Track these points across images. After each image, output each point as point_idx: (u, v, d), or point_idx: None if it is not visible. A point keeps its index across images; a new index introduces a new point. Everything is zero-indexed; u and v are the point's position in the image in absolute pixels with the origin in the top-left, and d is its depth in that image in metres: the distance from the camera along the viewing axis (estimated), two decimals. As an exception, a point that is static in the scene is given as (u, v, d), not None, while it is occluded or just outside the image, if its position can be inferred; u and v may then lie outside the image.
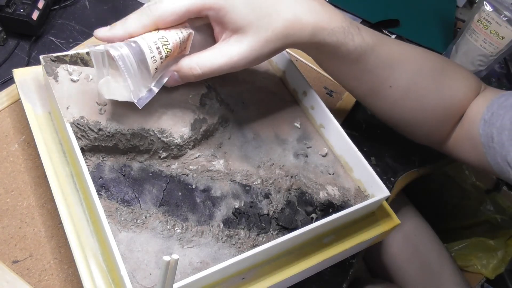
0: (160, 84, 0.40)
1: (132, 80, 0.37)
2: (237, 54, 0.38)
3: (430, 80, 0.49)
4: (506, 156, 0.47)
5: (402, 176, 0.61)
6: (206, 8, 0.37)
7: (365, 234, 0.45)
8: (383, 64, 0.46)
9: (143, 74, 0.37)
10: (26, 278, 0.39)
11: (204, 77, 0.40)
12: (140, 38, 0.37)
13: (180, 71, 0.40)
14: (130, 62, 0.36)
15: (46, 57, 0.43)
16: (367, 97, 0.51)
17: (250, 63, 0.40)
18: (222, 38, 0.40)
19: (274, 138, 0.49)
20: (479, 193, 1.00)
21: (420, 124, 0.52)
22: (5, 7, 0.55)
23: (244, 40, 0.38)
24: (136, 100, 0.38)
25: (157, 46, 0.37)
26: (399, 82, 0.48)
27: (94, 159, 0.41)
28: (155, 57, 0.37)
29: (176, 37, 0.38)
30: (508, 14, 0.68)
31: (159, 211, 0.40)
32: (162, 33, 0.38)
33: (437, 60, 0.51)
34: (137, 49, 0.36)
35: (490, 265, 0.96)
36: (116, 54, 0.35)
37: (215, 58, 0.39)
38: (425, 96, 0.50)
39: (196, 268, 0.37)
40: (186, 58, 0.39)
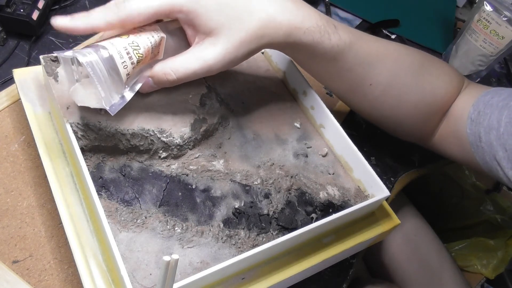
0: (134, 90, 0.39)
1: (103, 86, 0.35)
2: (211, 57, 0.38)
3: (410, 76, 0.49)
4: (495, 156, 0.46)
5: (402, 176, 0.61)
6: (175, 11, 0.36)
7: (365, 234, 0.45)
8: (361, 62, 0.46)
9: (114, 81, 0.36)
10: (26, 278, 0.39)
11: (179, 82, 0.39)
12: (109, 43, 0.36)
13: (154, 76, 0.39)
14: (99, 69, 0.35)
15: (46, 57, 0.43)
16: (348, 95, 0.50)
17: (226, 66, 0.39)
18: (195, 42, 0.39)
19: (274, 138, 0.49)
20: (479, 193, 1.00)
21: (401, 120, 0.52)
22: (5, 7, 0.55)
23: (217, 43, 0.38)
24: (108, 107, 0.37)
25: (127, 51, 0.36)
26: (378, 79, 0.47)
27: (94, 159, 0.41)
28: (125, 62, 0.36)
29: (147, 41, 0.37)
30: (508, 14, 0.68)
31: (159, 211, 0.40)
32: (132, 38, 0.37)
33: (417, 56, 0.50)
34: (106, 55, 0.35)
35: (490, 265, 0.96)
36: (85, 60, 0.34)
37: (190, 63, 0.38)
38: (406, 93, 0.49)
39: (196, 268, 0.37)
40: (160, 63, 0.39)
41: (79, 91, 0.38)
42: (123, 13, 0.35)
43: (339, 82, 0.48)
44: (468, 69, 0.77)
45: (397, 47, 0.50)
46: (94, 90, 0.37)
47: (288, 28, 0.40)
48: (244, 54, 0.39)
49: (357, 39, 0.45)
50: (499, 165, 0.46)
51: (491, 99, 0.48)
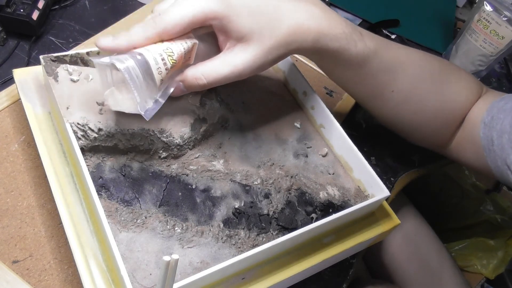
0: (166, 95, 0.40)
1: (138, 92, 0.36)
2: (241, 63, 0.39)
3: (432, 84, 0.49)
4: (505, 159, 0.47)
5: (402, 176, 0.61)
6: (210, 18, 0.37)
7: (365, 234, 0.45)
8: (385, 69, 0.46)
9: (149, 86, 0.37)
10: (26, 278, 0.39)
11: (209, 86, 0.40)
12: (145, 49, 0.37)
13: (185, 81, 0.40)
14: (136, 75, 0.36)
15: (46, 57, 0.43)
16: (370, 101, 0.51)
17: (255, 71, 0.40)
18: (227, 47, 0.40)
19: (274, 138, 0.49)
20: (479, 193, 1.00)
21: (422, 127, 0.52)
22: (5, 7, 0.55)
23: (248, 48, 0.39)
24: (143, 112, 0.38)
25: (162, 57, 0.37)
26: (401, 86, 0.48)
27: (94, 159, 0.41)
28: (160, 68, 0.37)
29: (181, 47, 0.38)
30: (508, 14, 0.68)
31: (159, 211, 0.40)
32: (167, 44, 0.37)
33: (438, 64, 0.51)
34: (142, 61, 0.36)
35: (490, 265, 0.96)
36: (122, 67, 0.35)
37: (220, 68, 0.39)
38: (427, 100, 0.50)
39: (196, 268, 0.37)
40: (191, 68, 0.39)
41: (113, 96, 0.39)
42: (160, 27, 0.36)
43: (362, 88, 0.49)
44: (468, 69, 0.77)
45: (419, 54, 0.50)
46: (129, 95, 0.38)
47: (316, 35, 0.40)
48: (273, 59, 0.40)
49: (382, 47, 0.46)
50: (509, 169, 0.46)
51: (505, 105, 0.49)
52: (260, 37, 0.38)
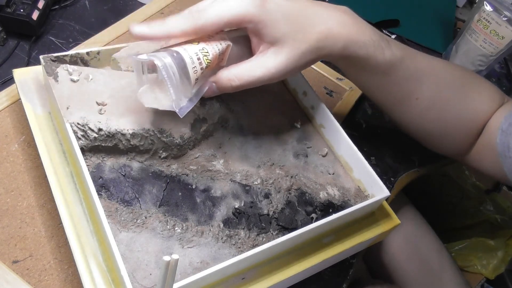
0: (199, 94, 0.40)
1: (174, 89, 0.37)
2: (274, 66, 0.39)
3: (455, 92, 0.50)
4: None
5: (402, 176, 0.61)
6: (246, 21, 0.38)
7: (365, 234, 0.45)
8: (410, 77, 0.47)
9: (184, 84, 0.38)
10: (26, 278, 0.39)
11: (241, 88, 0.40)
12: (182, 48, 0.37)
13: (218, 82, 0.40)
14: (173, 72, 0.36)
15: (46, 57, 0.43)
16: (394, 108, 0.51)
17: (286, 74, 0.41)
18: (260, 50, 0.40)
19: (274, 138, 0.49)
20: (479, 193, 1.00)
21: (444, 135, 0.53)
22: (5, 7, 0.55)
23: (281, 52, 0.39)
24: (178, 109, 0.38)
25: (198, 57, 0.37)
26: (425, 94, 0.49)
27: (94, 159, 0.41)
28: (196, 67, 0.37)
29: (216, 48, 0.39)
30: (508, 14, 0.68)
31: (159, 211, 0.40)
32: (203, 45, 0.38)
33: (462, 73, 0.52)
34: (179, 60, 0.37)
35: (490, 265, 0.96)
36: (160, 64, 0.35)
37: (253, 70, 0.40)
38: (450, 108, 0.50)
39: (196, 268, 0.37)
40: (224, 69, 0.40)
41: (147, 93, 0.39)
42: (198, 23, 0.37)
43: (387, 95, 0.49)
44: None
45: (443, 63, 0.51)
46: (164, 93, 0.39)
47: (346, 41, 0.42)
48: (304, 64, 0.41)
49: (408, 55, 0.47)
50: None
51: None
52: (293, 42, 0.39)
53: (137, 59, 0.37)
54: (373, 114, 0.66)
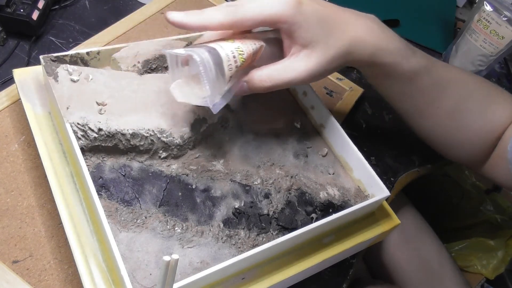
0: (232, 92, 0.40)
1: (210, 85, 0.37)
2: (305, 69, 0.40)
3: (476, 103, 0.51)
4: None
5: (402, 176, 0.61)
6: (281, 21, 0.39)
7: (365, 234, 0.45)
8: (434, 85, 0.48)
9: (219, 81, 0.38)
10: (26, 278, 0.39)
11: (272, 89, 0.41)
12: (218, 45, 0.38)
13: (250, 82, 0.41)
14: (209, 68, 0.36)
15: (46, 57, 0.43)
16: (414, 116, 0.52)
17: (316, 78, 0.41)
18: (291, 53, 0.41)
19: (274, 138, 0.49)
20: (479, 193, 1.00)
21: (462, 145, 0.53)
22: (5, 7, 0.55)
23: (312, 56, 0.40)
24: (211, 105, 0.38)
25: (233, 55, 0.38)
26: (446, 103, 0.49)
27: (94, 159, 0.41)
28: (231, 65, 0.38)
29: (250, 48, 0.39)
30: (508, 14, 0.68)
31: (159, 211, 0.40)
32: (238, 43, 0.39)
33: (483, 84, 0.52)
34: (216, 56, 0.37)
35: (490, 265, 0.96)
36: (198, 58, 0.36)
37: (285, 72, 0.40)
38: (470, 118, 0.51)
39: (196, 268, 0.37)
40: (257, 70, 0.41)
41: (180, 87, 0.40)
42: (236, 17, 0.38)
43: (409, 103, 0.50)
44: (468, 69, 0.77)
45: (465, 74, 0.52)
46: (197, 89, 0.39)
47: (374, 48, 0.43)
48: (333, 68, 0.42)
49: (432, 64, 0.48)
50: None
51: None
52: (324, 46, 0.40)
53: (173, 53, 0.37)
54: (373, 114, 0.66)
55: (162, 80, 0.46)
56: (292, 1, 0.38)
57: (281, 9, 0.38)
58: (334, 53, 0.41)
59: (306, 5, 0.39)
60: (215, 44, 0.38)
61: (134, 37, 0.59)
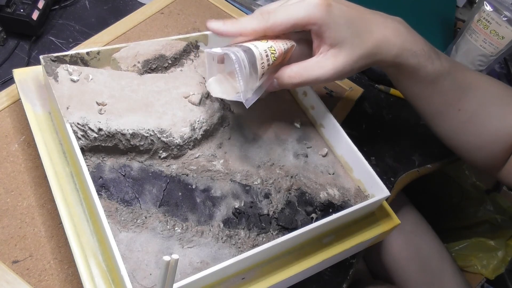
0: (263, 88, 0.43)
1: (244, 82, 0.39)
2: (332, 67, 0.42)
3: (497, 107, 0.51)
4: None
5: (402, 176, 0.61)
6: (311, 23, 0.41)
7: (365, 234, 0.45)
8: (456, 88, 0.49)
9: (252, 78, 0.40)
10: (26, 278, 0.39)
11: (300, 85, 0.43)
12: (253, 45, 0.40)
13: (280, 78, 0.43)
14: (244, 65, 0.39)
15: (46, 57, 0.43)
16: (434, 118, 0.52)
17: (342, 76, 0.43)
18: (320, 52, 0.43)
19: (274, 138, 0.49)
20: (479, 193, 1.00)
21: (481, 149, 0.53)
22: (5, 7, 0.55)
23: (340, 55, 0.42)
24: (244, 100, 0.40)
25: (266, 54, 0.40)
26: (467, 106, 0.50)
27: (94, 159, 0.41)
28: (264, 63, 0.40)
29: (282, 47, 0.41)
30: (508, 14, 0.68)
31: (159, 211, 0.40)
32: (271, 43, 0.41)
33: (502, 88, 0.53)
34: (251, 54, 0.39)
35: (490, 266, 0.96)
36: (234, 57, 0.38)
37: (313, 70, 0.42)
38: (490, 122, 0.51)
39: (196, 268, 0.37)
40: (286, 67, 0.43)
41: (215, 84, 0.43)
42: (268, 23, 0.41)
43: (430, 104, 0.51)
44: (468, 69, 0.77)
45: (485, 77, 0.53)
46: (231, 85, 0.43)
47: (399, 50, 0.44)
48: (359, 67, 0.44)
49: (456, 67, 0.49)
50: None
51: None
52: (352, 46, 0.42)
53: (211, 51, 0.40)
54: (373, 114, 0.66)
55: (162, 80, 0.46)
56: (321, 4, 0.40)
57: (311, 12, 0.40)
58: (361, 52, 0.42)
59: (334, 7, 0.41)
60: (250, 43, 0.41)
61: (134, 37, 0.59)
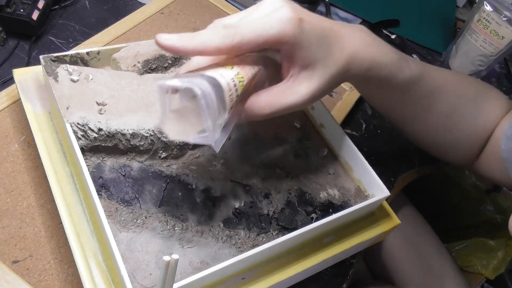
0: (231, 123, 0.36)
1: (212, 120, 0.32)
2: (307, 92, 0.38)
3: (468, 106, 0.51)
4: None
5: (402, 176, 0.61)
6: (282, 42, 0.35)
7: (365, 234, 0.45)
8: (427, 94, 0.48)
9: (220, 114, 0.33)
10: (26, 278, 0.39)
11: (272, 116, 0.38)
12: (218, 74, 0.33)
13: (249, 110, 0.37)
14: (212, 101, 0.31)
15: (46, 57, 0.43)
16: (408, 124, 0.52)
17: (317, 99, 0.39)
18: (290, 74, 0.38)
19: (274, 138, 0.49)
20: (479, 193, 1.00)
21: (455, 147, 0.53)
22: (5, 7, 0.55)
23: (313, 76, 0.38)
24: (213, 143, 0.34)
25: (234, 83, 0.34)
26: (440, 110, 0.49)
27: (94, 159, 0.41)
28: (232, 95, 0.34)
29: (249, 73, 0.36)
30: (508, 14, 0.68)
31: (159, 211, 0.40)
32: (237, 69, 0.35)
33: (473, 85, 0.52)
34: (217, 86, 0.32)
35: (490, 266, 0.96)
36: (199, 91, 0.31)
37: (286, 97, 0.37)
38: (463, 121, 0.51)
39: (196, 268, 0.37)
40: (255, 96, 0.37)
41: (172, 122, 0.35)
42: (235, 41, 0.34)
43: (402, 111, 0.50)
44: (468, 69, 0.77)
45: (456, 76, 0.52)
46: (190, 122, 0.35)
47: (370, 63, 0.41)
48: (332, 87, 0.40)
49: (425, 71, 0.47)
50: None
51: None
52: (324, 66, 0.38)
53: (165, 84, 0.32)
54: (373, 114, 0.66)
55: (162, 80, 0.46)
56: (293, 20, 0.35)
57: (284, 29, 0.34)
58: (334, 72, 0.38)
59: (306, 22, 0.36)
60: (214, 72, 0.33)
61: (134, 37, 0.59)
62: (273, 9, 0.35)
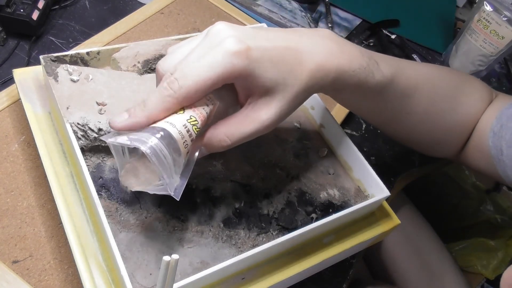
0: (190, 166, 0.36)
1: (167, 173, 0.32)
2: (267, 117, 0.36)
3: (447, 102, 0.50)
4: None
5: (402, 176, 0.61)
6: (233, 77, 0.34)
7: (365, 234, 0.45)
8: (401, 94, 0.46)
9: (176, 162, 0.33)
10: (26, 278, 0.39)
11: (233, 146, 0.36)
12: (168, 124, 0.32)
13: (208, 145, 0.36)
14: (163, 155, 0.31)
15: (46, 57, 0.43)
16: (386, 126, 0.51)
17: (280, 121, 0.37)
18: (248, 102, 0.37)
19: (274, 138, 0.49)
20: (479, 193, 1.00)
21: (437, 143, 0.53)
22: (5, 7, 0.55)
23: (273, 101, 0.36)
24: (173, 192, 0.33)
25: (187, 129, 0.33)
26: (416, 109, 0.48)
27: (94, 159, 0.41)
28: (186, 141, 0.33)
29: (204, 112, 0.34)
30: (508, 14, 0.68)
31: (159, 211, 0.40)
32: (189, 112, 0.33)
33: (451, 77, 0.51)
34: (168, 138, 0.31)
35: (491, 266, 0.96)
36: (149, 150, 0.30)
37: (245, 126, 0.36)
38: (442, 117, 0.50)
39: (196, 268, 0.37)
40: (212, 129, 0.36)
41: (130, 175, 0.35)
42: (180, 96, 0.33)
43: (378, 115, 0.49)
44: (468, 69, 0.77)
45: (432, 71, 0.50)
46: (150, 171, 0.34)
47: (336, 74, 0.38)
48: (296, 106, 0.38)
49: (397, 71, 0.44)
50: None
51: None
52: (284, 87, 0.36)
53: (116, 143, 0.31)
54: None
55: (162, 80, 0.46)
56: (240, 52, 0.32)
57: (229, 64, 0.32)
58: (295, 91, 0.36)
59: (255, 50, 0.33)
60: (163, 121, 0.32)
61: (134, 37, 0.59)
62: (218, 42, 0.33)
